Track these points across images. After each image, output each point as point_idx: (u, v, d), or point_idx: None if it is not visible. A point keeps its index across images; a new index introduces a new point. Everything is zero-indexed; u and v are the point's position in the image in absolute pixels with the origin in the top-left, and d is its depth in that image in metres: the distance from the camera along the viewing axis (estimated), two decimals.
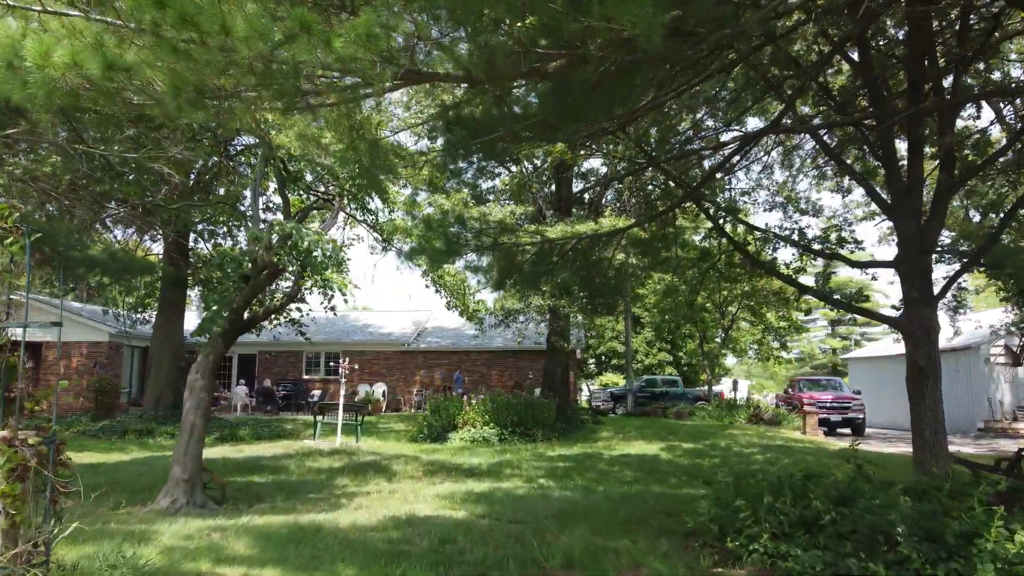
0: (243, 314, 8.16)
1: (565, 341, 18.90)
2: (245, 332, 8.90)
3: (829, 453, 14.37)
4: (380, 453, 13.28)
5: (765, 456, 13.75)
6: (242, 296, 7.91)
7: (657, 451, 14.49)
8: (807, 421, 17.41)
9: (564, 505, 7.85)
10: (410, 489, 9.69)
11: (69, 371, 21.68)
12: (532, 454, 13.96)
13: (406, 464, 12.09)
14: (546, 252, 8.41)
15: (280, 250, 7.73)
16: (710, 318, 23.89)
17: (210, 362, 8.18)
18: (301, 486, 9.90)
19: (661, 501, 8.48)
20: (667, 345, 35.42)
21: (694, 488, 10.11)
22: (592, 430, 18.40)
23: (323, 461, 12.18)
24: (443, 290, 14.13)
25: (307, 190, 9.25)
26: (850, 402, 20.10)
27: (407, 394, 25.53)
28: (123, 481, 10.06)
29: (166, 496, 7.61)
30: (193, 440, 7.90)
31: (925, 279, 8.09)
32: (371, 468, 11.57)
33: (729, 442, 15.91)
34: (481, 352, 25.62)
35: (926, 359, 7.96)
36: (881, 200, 8.83)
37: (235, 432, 16.41)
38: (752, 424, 19.42)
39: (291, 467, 11.60)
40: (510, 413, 16.19)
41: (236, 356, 26.22)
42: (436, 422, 16.37)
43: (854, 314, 9.63)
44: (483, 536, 5.92)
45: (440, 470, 11.63)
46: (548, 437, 16.09)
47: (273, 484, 10.08)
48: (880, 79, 8.20)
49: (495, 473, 11.37)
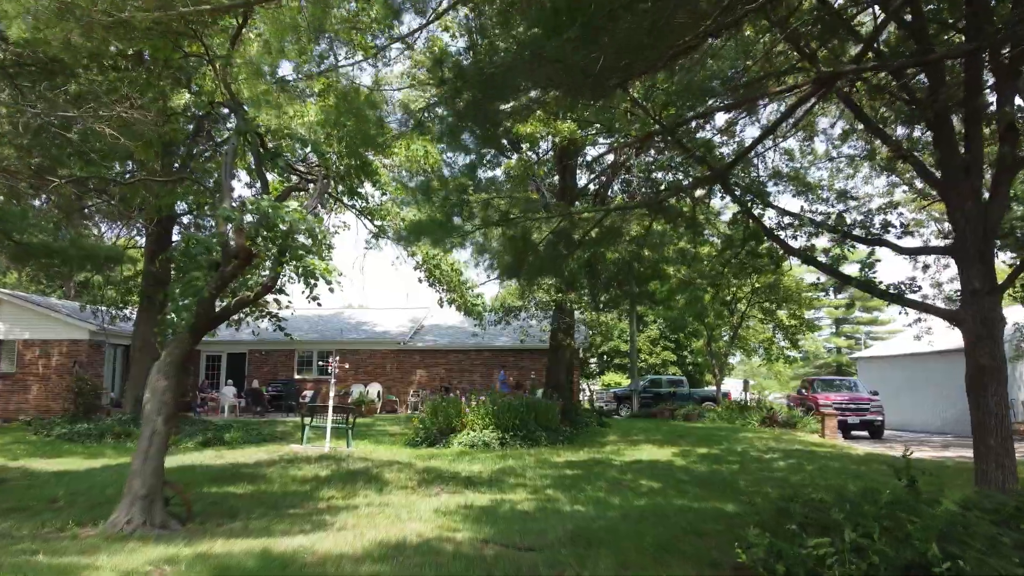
0: (213, 306, 7.15)
1: (570, 338, 17.89)
2: (216, 326, 7.89)
3: (855, 459, 13.41)
4: (372, 459, 12.28)
5: (787, 463, 12.81)
6: (211, 285, 6.90)
7: (669, 457, 13.51)
8: (826, 424, 16.44)
9: (579, 524, 6.86)
10: (403, 503, 8.70)
11: (48, 371, 20.63)
12: (536, 460, 12.96)
13: (399, 472, 11.10)
14: (565, 232, 7.39)
15: (254, 232, 6.73)
16: (719, 315, 22.92)
17: (175, 360, 7.18)
18: (281, 499, 8.90)
19: (687, 518, 7.49)
20: (671, 344, 34.43)
21: (719, 501, 9.13)
22: (598, 433, 17.41)
23: (309, 469, 11.18)
24: (437, 283, 13.04)
25: (288, 168, 8.26)
26: (868, 403, 19.13)
27: (403, 395, 24.52)
28: (85, 492, 9.06)
29: (120, 515, 6.60)
30: (154, 450, 6.90)
31: (988, 267, 7.11)
32: (361, 477, 10.57)
33: (745, 447, 14.94)
34: (481, 351, 24.63)
35: (990, 357, 6.97)
36: (933, 179, 7.85)
37: (220, 436, 15.39)
38: (766, 427, 18.45)
39: (273, 476, 10.59)
40: (512, 416, 15.19)
41: (225, 355, 25.21)
42: (433, 425, 15.37)
43: (906, 308, 8.63)
44: (488, 572, 4.93)
45: (437, 479, 10.64)
46: (552, 441, 15.11)
47: (251, 496, 9.07)
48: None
49: (497, 482, 10.38)
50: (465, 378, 24.48)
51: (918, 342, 26.46)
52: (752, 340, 26.06)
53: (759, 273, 11.77)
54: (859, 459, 13.37)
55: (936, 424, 24.14)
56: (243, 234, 6.66)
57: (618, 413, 24.99)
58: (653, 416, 22.29)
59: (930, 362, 24.80)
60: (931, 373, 25.11)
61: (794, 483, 10.84)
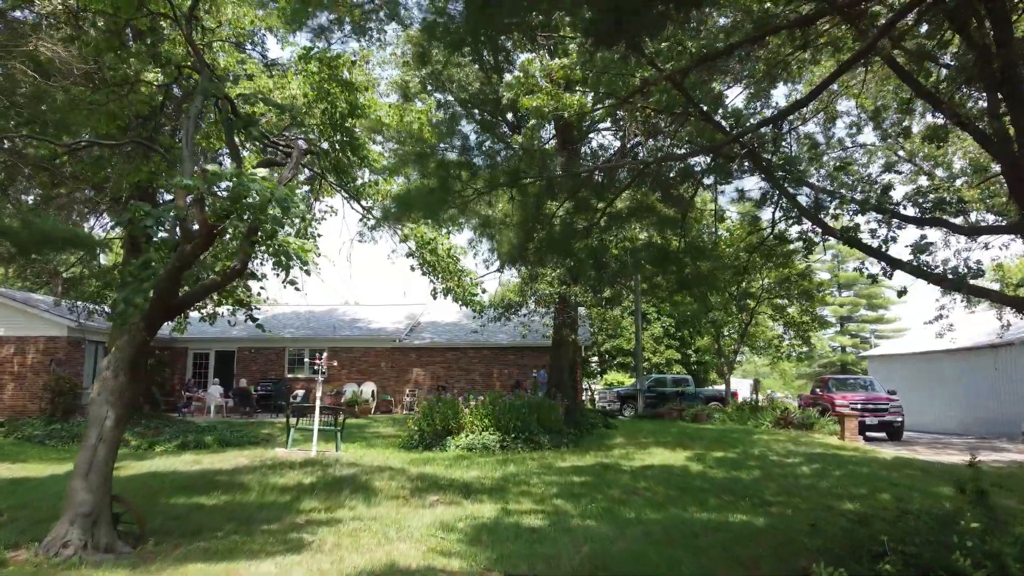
0: (173, 293, 6.15)
1: (575, 334, 16.88)
2: (175, 316, 6.91)
3: (883, 463, 12.46)
4: (362, 464, 11.30)
5: (811, 468, 11.85)
6: (169, 268, 5.91)
7: (683, 461, 12.54)
8: (845, 425, 15.49)
9: (596, 546, 5.89)
10: (393, 517, 7.72)
11: (23, 369, 19.59)
12: (540, 465, 12.00)
13: (391, 479, 10.12)
14: (585, 202, 6.37)
15: (221, 205, 5.75)
16: (729, 312, 21.97)
17: (127, 355, 6.19)
18: (256, 512, 7.91)
19: (718, 536, 6.53)
20: (675, 342, 33.44)
21: (746, 513, 8.17)
22: (604, 435, 16.44)
23: (292, 476, 10.19)
24: (432, 271, 11.96)
25: (263, 139, 7.23)
26: (887, 403, 18.17)
27: (399, 394, 23.52)
28: (33, 504, 8.06)
29: (56, 535, 5.61)
30: (100, 458, 5.91)
31: None
32: (348, 485, 9.60)
33: (762, 450, 13.98)
34: (479, 349, 23.64)
35: None
36: (995, 148, 6.89)
37: (200, 438, 14.41)
38: (780, 428, 17.49)
39: (252, 484, 9.60)
40: (513, 417, 14.21)
41: (213, 353, 24.19)
42: (429, 427, 14.39)
43: (970, 295, 7.64)
44: None
45: (432, 487, 9.66)
46: (556, 444, 14.13)
47: (222, 509, 8.08)
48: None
49: (499, 492, 9.41)
50: (463, 377, 23.49)
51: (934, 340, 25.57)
52: (761, 338, 25.08)
53: (787, 260, 10.73)
54: (888, 464, 12.42)
55: (950, 425, 23.18)
56: (202, 206, 5.67)
57: (621, 414, 24.02)
58: (659, 417, 21.32)
59: (946, 360, 23.84)
60: (946, 372, 24.16)
61: (823, 491, 9.90)
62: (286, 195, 5.26)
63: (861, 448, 14.64)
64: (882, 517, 4.58)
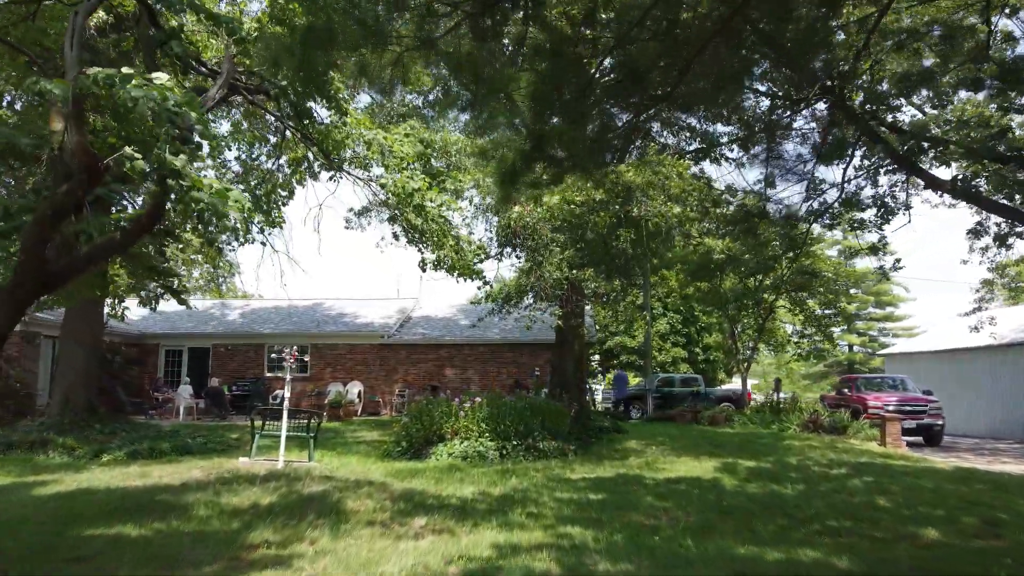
0: (42, 253, 4.37)
1: (582, 327, 15.11)
2: (51, 289, 5.11)
3: (945, 475, 10.76)
4: (336, 477, 9.54)
5: (862, 482, 10.11)
6: (35, 218, 4.13)
7: (713, 473, 10.81)
8: (887, 430, 13.79)
9: None
10: (364, 555, 5.95)
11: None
12: (546, 477, 10.26)
13: (368, 497, 8.36)
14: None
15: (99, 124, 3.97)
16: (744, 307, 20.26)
17: None
18: (189, 549, 6.12)
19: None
20: (682, 339, 31.73)
21: (813, 547, 6.45)
22: (615, 440, 14.70)
23: (249, 494, 8.40)
24: (419, 239, 10.08)
25: (184, 59, 5.46)
26: (925, 405, 16.49)
27: (387, 395, 21.74)
28: None
29: None
30: None
31: None
32: (315, 506, 7.81)
33: (799, 459, 12.27)
34: (475, 346, 21.90)
35: None
36: None
37: (157, 445, 12.55)
38: (810, 432, 15.79)
39: (196, 506, 7.80)
40: (513, 420, 12.47)
41: (186, 350, 22.35)
42: (418, 432, 12.62)
43: None
44: None
45: (418, 508, 7.91)
46: (563, 452, 12.38)
47: (148, 545, 6.29)
48: None
49: (500, 514, 7.64)
50: (458, 375, 21.73)
51: (958, 337, 23.90)
52: (778, 334, 23.36)
53: (862, 230, 8.98)
54: (951, 476, 10.73)
55: (982, 428, 21.54)
56: (83, 130, 3.90)
57: (629, 416, 22.30)
58: (671, 419, 19.59)
59: (979, 358, 22.20)
60: (977, 370, 22.52)
61: (890, 512, 8.18)
62: (183, 105, 3.49)
63: (910, 456, 12.93)
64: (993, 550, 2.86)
